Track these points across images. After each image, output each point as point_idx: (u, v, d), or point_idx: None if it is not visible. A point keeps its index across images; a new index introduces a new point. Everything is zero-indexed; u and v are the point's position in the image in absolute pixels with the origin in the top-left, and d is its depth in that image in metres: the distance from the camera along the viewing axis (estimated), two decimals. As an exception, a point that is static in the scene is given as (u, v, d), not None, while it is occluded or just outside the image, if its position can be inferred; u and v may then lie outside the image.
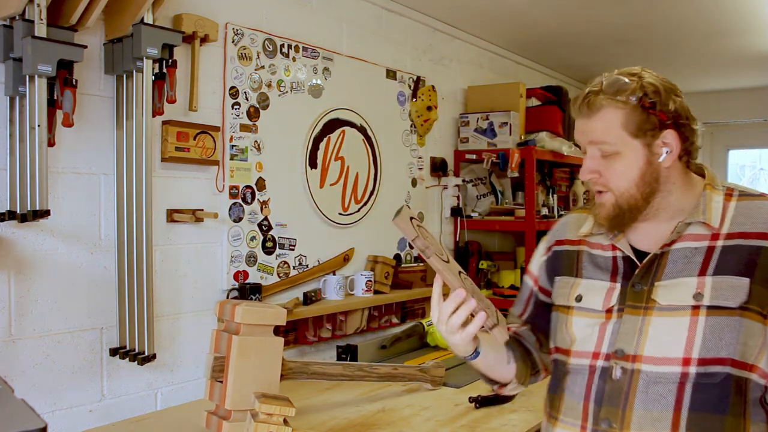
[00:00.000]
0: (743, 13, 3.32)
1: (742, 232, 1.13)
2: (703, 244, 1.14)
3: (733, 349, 1.08)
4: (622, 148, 1.15)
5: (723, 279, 1.10)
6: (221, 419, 1.65)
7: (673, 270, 1.15)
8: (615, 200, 1.17)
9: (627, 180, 1.16)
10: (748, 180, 5.80)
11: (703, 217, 1.15)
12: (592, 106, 1.15)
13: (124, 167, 1.98)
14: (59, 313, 1.88)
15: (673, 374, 1.09)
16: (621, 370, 1.14)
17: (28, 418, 1.04)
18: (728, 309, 1.09)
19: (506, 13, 3.33)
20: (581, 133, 1.20)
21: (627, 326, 1.16)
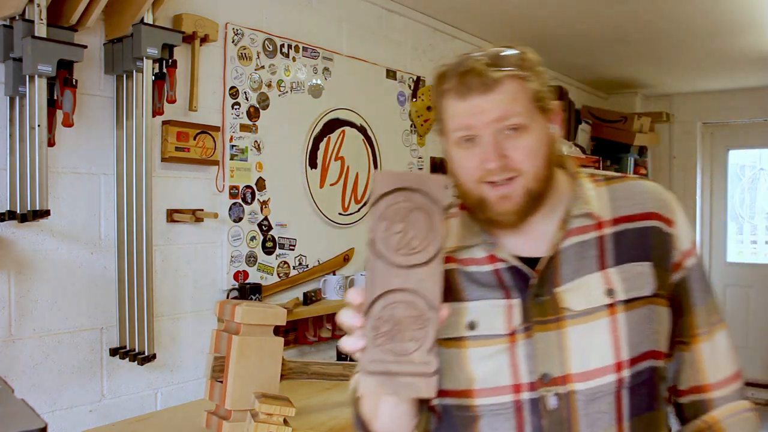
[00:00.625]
0: (743, 13, 3.32)
1: (626, 215, 1.04)
2: (591, 235, 1.02)
3: (650, 341, 0.99)
4: (530, 122, 0.98)
5: (627, 268, 1.00)
6: (221, 419, 1.65)
7: (569, 271, 1.00)
8: (526, 185, 0.98)
9: (539, 157, 0.99)
10: (748, 180, 5.80)
11: (588, 207, 1.03)
12: (489, 80, 0.96)
13: (124, 167, 1.98)
14: (59, 313, 1.88)
15: (609, 384, 0.97)
16: (556, 397, 0.97)
17: (28, 418, 1.04)
18: (643, 298, 0.99)
19: (506, 13, 3.33)
20: (479, 114, 0.97)
21: (542, 346, 0.98)
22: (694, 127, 5.69)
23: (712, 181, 5.83)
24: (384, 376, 0.83)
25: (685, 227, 1.07)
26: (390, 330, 0.84)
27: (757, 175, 5.78)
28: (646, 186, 1.08)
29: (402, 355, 0.84)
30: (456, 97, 0.99)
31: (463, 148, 1.00)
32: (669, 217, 1.05)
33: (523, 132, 0.98)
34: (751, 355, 5.50)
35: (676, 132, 5.74)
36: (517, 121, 0.97)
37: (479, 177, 0.98)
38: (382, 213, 0.85)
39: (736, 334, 5.16)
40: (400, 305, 0.84)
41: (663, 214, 1.05)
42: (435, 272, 0.84)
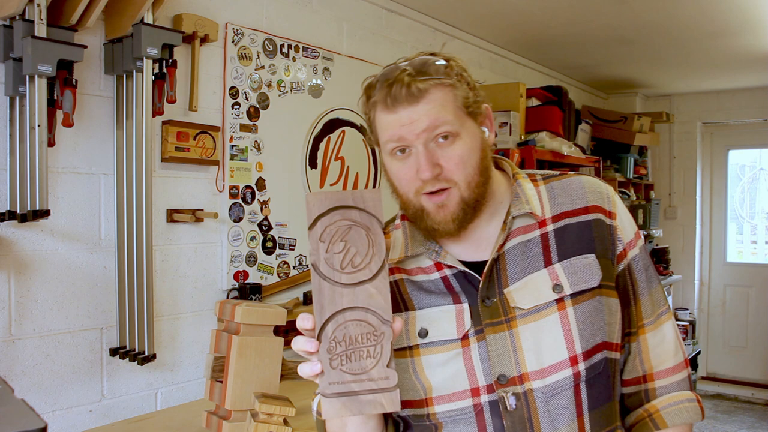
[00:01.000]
0: (743, 13, 3.32)
1: (565, 211, 1.04)
2: (535, 234, 1.03)
3: (602, 332, 1.00)
4: (460, 129, 0.98)
5: (572, 262, 1.01)
6: (221, 419, 1.65)
7: (515, 270, 1.01)
8: (460, 195, 0.98)
9: (472, 166, 0.99)
10: (748, 180, 5.81)
11: (528, 207, 1.03)
12: (415, 91, 0.96)
13: (124, 167, 1.98)
14: (59, 313, 1.88)
15: (566, 379, 0.97)
16: (514, 397, 0.97)
17: (28, 418, 1.04)
18: (590, 290, 1.00)
19: (506, 13, 3.33)
20: (408, 125, 0.96)
21: (496, 347, 0.98)
22: (694, 127, 5.69)
23: (712, 181, 5.83)
24: (346, 396, 0.83)
25: (626, 218, 1.08)
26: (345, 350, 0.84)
27: (757, 175, 5.78)
28: (583, 181, 1.09)
29: (361, 373, 0.84)
30: (384, 109, 0.99)
31: (397, 159, 1.01)
32: (609, 209, 1.06)
33: (454, 139, 0.98)
34: (751, 355, 5.50)
35: (676, 132, 5.74)
36: (446, 129, 0.97)
37: (416, 188, 0.99)
38: (320, 234, 0.86)
39: (736, 334, 5.18)
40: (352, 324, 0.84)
41: (603, 207, 1.06)
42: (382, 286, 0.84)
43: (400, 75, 0.97)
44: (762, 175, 5.76)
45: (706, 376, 5.69)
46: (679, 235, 5.73)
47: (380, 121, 1.01)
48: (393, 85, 0.97)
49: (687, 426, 1.06)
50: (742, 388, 5.46)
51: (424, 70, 0.99)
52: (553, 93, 4.00)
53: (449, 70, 1.01)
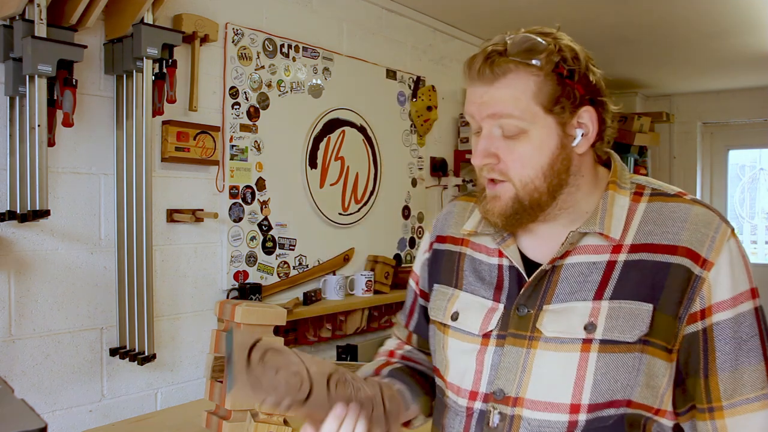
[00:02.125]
0: (743, 13, 3.32)
1: (650, 243, 0.89)
2: (603, 258, 0.90)
3: (631, 391, 0.86)
4: (530, 126, 0.89)
5: (622, 305, 0.87)
6: (221, 419, 1.65)
7: (565, 290, 0.91)
8: (515, 193, 0.91)
9: (533, 167, 0.90)
10: (748, 180, 5.81)
11: (600, 226, 0.91)
12: (497, 69, 0.88)
13: (124, 167, 1.98)
14: (59, 313, 1.88)
15: (559, 423, 0.87)
16: (499, 416, 0.91)
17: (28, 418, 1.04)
18: (625, 344, 0.86)
19: (506, 13, 3.34)
20: (478, 104, 0.91)
21: (509, 360, 0.92)
22: (694, 127, 5.69)
23: (712, 181, 5.83)
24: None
25: (729, 272, 0.87)
26: None
27: (757, 175, 5.78)
28: (692, 212, 0.90)
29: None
30: (468, 80, 0.93)
31: (474, 133, 0.95)
32: (705, 256, 0.87)
33: (520, 136, 0.89)
34: (751, 355, 5.50)
35: (676, 132, 5.74)
36: (512, 124, 0.89)
37: (479, 167, 0.94)
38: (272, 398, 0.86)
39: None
40: None
41: (698, 252, 0.87)
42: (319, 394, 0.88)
43: (488, 49, 0.90)
44: (762, 175, 5.76)
45: (706, 376, 5.69)
46: (679, 235, 5.72)
47: (467, 90, 0.95)
48: (478, 58, 0.91)
49: None
50: (742, 388, 5.46)
51: (515, 50, 0.89)
52: (553, 93, 4.00)
53: (548, 54, 0.88)
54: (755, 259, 5.73)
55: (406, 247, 3.22)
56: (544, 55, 0.88)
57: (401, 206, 3.20)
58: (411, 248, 3.26)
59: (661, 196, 0.93)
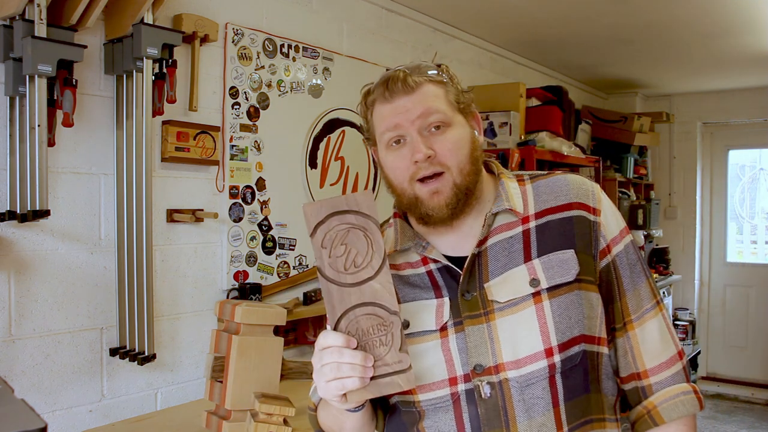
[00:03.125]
0: (743, 13, 3.32)
1: (549, 207, 1.08)
2: (517, 230, 1.07)
3: (581, 325, 1.03)
4: (452, 120, 1.06)
5: (550, 257, 1.05)
6: (221, 419, 1.65)
7: (497, 266, 1.06)
8: (453, 182, 1.05)
9: (464, 153, 1.06)
10: (748, 180, 5.81)
11: (509, 204, 1.08)
12: (411, 83, 1.05)
13: (124, 167, 1.98)
14: (59, 313, 1.88)
15: (541, 370, 1.01)
16: (489, 386, 1.01)
17: (28, 418, 1.04)
18: (567, 284, 1.03)
19: (506, 13, 3.33)
20: (404, 113, 1.05)
21: (474, 339, 1.03)
22: (694, 127, 5.69)
23: (712, 181, 5.83)
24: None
25: (612, 214, 1.10)
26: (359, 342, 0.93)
27: (757, 175, 5.78)
28: (569, 179, 1.12)
29: (376, 360, 0.93)
30: (382, 101, 1.08)
31: (392, 150, 1.08)
32: (593, 205, 1.09)
33: (446, 128, 1.06)
34: (751, 355, 5.50)
35: (676, 132, 5.74)
36: (439, 118, 1.05)
37: (411, 175, 1.06)
38: (321, 241, 0.93)
39: (736, 334, 5.17)
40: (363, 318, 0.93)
41: (587, 203, 1.09)
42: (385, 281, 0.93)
43: (396, 73, 1.07)
44: (762, 175, 5.76)
45: (706, 376, 5.69)
46: (679, 235, 5.73)
47: (377, 114, 1.09)
48: (389, 80, 1.07)
49: (686, 419, 1.08)
50: (742, 388, 5.46)
51: (418, 70, 1.08)
52: (553, 93, 4.00)
53: (441, 72, 1.10)
54: (755, 259, 5.73)
55: (406, 247, 3.22)
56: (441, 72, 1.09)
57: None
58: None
59: (537, 177, 1.14)
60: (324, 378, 0.94)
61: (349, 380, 0.92)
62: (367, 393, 0.93)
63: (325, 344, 0.94)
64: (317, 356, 0.96)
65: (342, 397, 0.94)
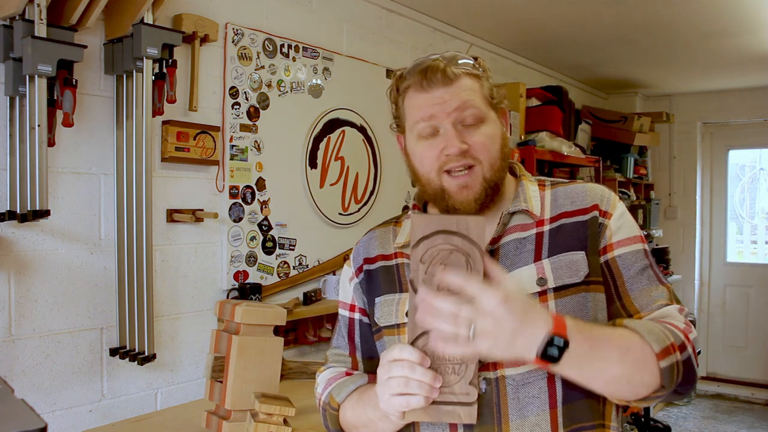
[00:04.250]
0: (743, 13, 3.32)
1: (564, 212, 1.09)
2: (531, 232, 1.08)
3: None
4: (486, 115, 1.07)
5: (560, 258, 1.04)
6: (221, 419, 1.65)
7: (506, 264, 1.06)
8: (483, 176, 1.06)
9: (495, 149, 1.07)
10: (748, 180, 5.81)
11: (525, 205, 1.09)
12: (450, 74, 1.05)
13: (124, 167, 1.98)
14: (59, 313, 1.88)
15: (539, 370, 1.00)
16: (485, 382, 1.01)
17: (28, 418, 1.04)
18: (574, 285, 1.03)
19: (506, 13, 3.33)
20: (440, 104, 1.05)
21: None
22: (694, 127, 5.69)
23: (712, 181, 5.83)
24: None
25: (624, 221, 1.09)
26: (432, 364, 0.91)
27: (757, 175, 5.78)
28: (587, 186, 1.13)
29: (444, 386, 0.91)
30: (418, 90, 1.07)
31: (423, 139, 1.08)
32: (605, 209, 1.09)
33: (481, 123, 1.06)
34: (750, 355, 5.50)
35: (676, 132, 5.74)
36: (474, 112, 1.05)
37: (440, 166, 1.06)
38: (421, 256, 0.90)
39: (736, 334, 5.17)
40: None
41: (600, 206, 1.09)
42: None
43: (434, 62, 1.07)
44: (762, 175, 5.76)
45: (706, 376, 5.69)
46: (679, 235, 5.73)
47: (411, 102, 1.09)
48: (428, 69, 1.06)
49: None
50: (742, 388, 5.46)
51: (456, 61, 1.08)
52: (553, 93, 4.00)
53: (477, 65, 1.10)
54: (755, 259, 5.73)
55: (406, 247, 3.22)
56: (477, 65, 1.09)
57: (401, 206, 3.20)
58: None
59: (560, 183, 1.15)
60: (389, 391, 0.93)
61: (414, 398, 0.91)
62: (427, 416, 0.92)
63: (399, 357, 0.92)
64: (385, 368, 0.94)
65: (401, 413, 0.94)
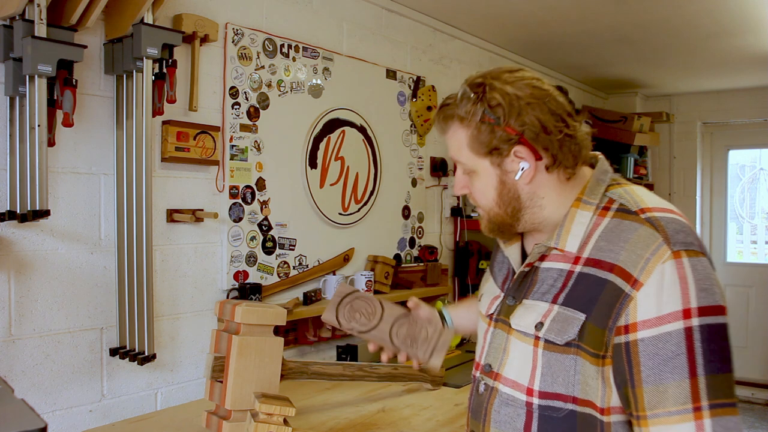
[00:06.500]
0: (743, 13, 3.32)
1: (598, 259, 1.00)
2: (566, 267, 1.04)
3: (572, 388, 0.99)
4: (475, 167, 1.07)
5: (565, 311, 1.01)
6: (221, 419, 1.65)
7: (540, 290, 1.07)
8: (486, 216, 1.13)
9: (487, 199, 1.09)
10: (748, 180, 5.80)
11: (556, 242, 1.05)
12: (443, 121, 1.09)
13: (124, 167, 1.98)
14: (59, 313, 1.88)
15: (519, 401, 1.06)
16: (484, 386, 1.13)
17: (28, 418, 1.04)
18: (559, 345, 1.01)
19: (506, 13, 3.33)
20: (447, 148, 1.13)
21: (497, 341, 1.13)
22: (694, 127, 5.69)
23: (712, 181, 5.83)
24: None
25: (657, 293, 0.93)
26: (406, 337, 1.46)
27: (757, 175, 5.78)
28: (638, 234, 0.98)
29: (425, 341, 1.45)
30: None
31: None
32: (636, 276, 0.94)
33: (472, 175, 1.09)
34: (750, 355, 5.50)
35: (676, 132, 5.74)
36: (463, 166, 1.09)
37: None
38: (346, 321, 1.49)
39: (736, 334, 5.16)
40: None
41: (629, 272, 0.95)
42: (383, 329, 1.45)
43: (443, 102, 1.11)
44: (762, 175, 5.76)
45: (706, 376, 5.68)
46: (679, 235, 5.71)
47: None
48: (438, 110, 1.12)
49: None
50: (742, 388, 5.46)
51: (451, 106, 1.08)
52: (553, 93, 3.99)
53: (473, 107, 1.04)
54: (755, 259, 5.73)
55: (406, 247, 3.22)
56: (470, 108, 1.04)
57: (401, 206, 3.20)
58: (411, 248, 3.25)
59: (623, 212, 1.02)
60: None
61: None
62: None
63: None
64: None
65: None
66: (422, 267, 3.16)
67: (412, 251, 3.26)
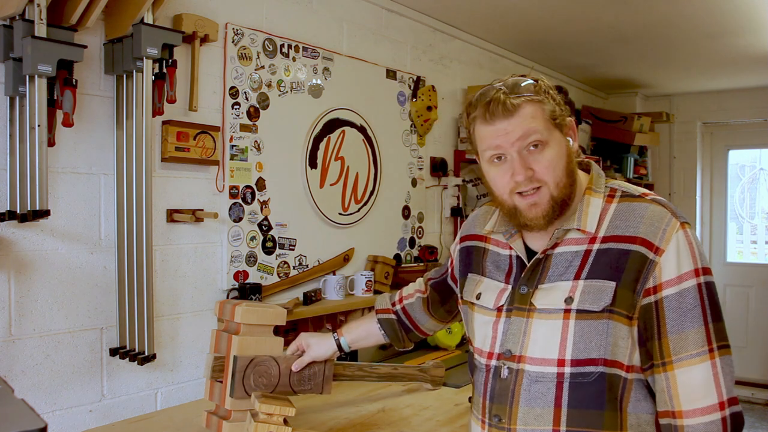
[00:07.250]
0: (743, 13, 3.32)
1: (616, 235, 1.16)
2: (582, 247, 1.19)
3: (604, 350, 1.13)
4: (549, 138, 1.17)
5: (592, 283, 1.15)
6: (221, 419, 1.65)
7: (554, 273, 1.20)
8: (550, 194, 1.18)
9: (561, 168, 1.18)
10: (748, 180, 5.80)
11: (578, 223, 1.19)
12: (510, 106, 1.15)
13: (124, 167, 1.98)
14: (59, 313, 1.88)
15: (550, 374, 1.16)
16: (508, 369, 1.22)
17: (28, 418, 1.04)
18: (594, 312, 1.14)
19: (506, 13, 3.33)
20: (503, 135, 1.17)
21: (514, 327, 1.22)
22: (694, 127, 5.69)
23: (712, 181, 5.83)
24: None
25: (678, 256, 1.13)
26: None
27: (757, 175, 5.78)
28: (649, 211, 1.17)
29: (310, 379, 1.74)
30: (483, 122, 1.19)
31: (494, 165, 1.20)
32: (657, 244, 1.14)
33: (544, 147, 1.16)
34: (750, 355, 5.50)
35: (676, 132, 5.74)
36: (537, 138, 1.15)
37: (511, 189, 1.19)
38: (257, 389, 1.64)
39: (736, 334, 5.16)
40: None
41: (651, 241, 1.14)
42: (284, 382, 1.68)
43: (496, 93, 1.17)
44: (762, 175, 5.76)
45: (706, 376, 5.68)
46: (679, 235, 5.72)
47: (479, 133, 1.21)
48: (490, 102, 1.16)
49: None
50: (742, 388, 5.46)
51: (517, 89, 1.17)
52: (553, 93, 3.99)
53: (538, 88, 1.18)
54: (755, 259, 5.73)
55: (406, 247, 3.22)
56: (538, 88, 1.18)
57: (401, 206, 3.20)
58: (411, 248, 3.26)
59: (628, 197, 1.21)
60: None
61: None
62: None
63: None
64: None
65: None
66: (422, 267, 3.16)
67: (412, 251, 3.26)
